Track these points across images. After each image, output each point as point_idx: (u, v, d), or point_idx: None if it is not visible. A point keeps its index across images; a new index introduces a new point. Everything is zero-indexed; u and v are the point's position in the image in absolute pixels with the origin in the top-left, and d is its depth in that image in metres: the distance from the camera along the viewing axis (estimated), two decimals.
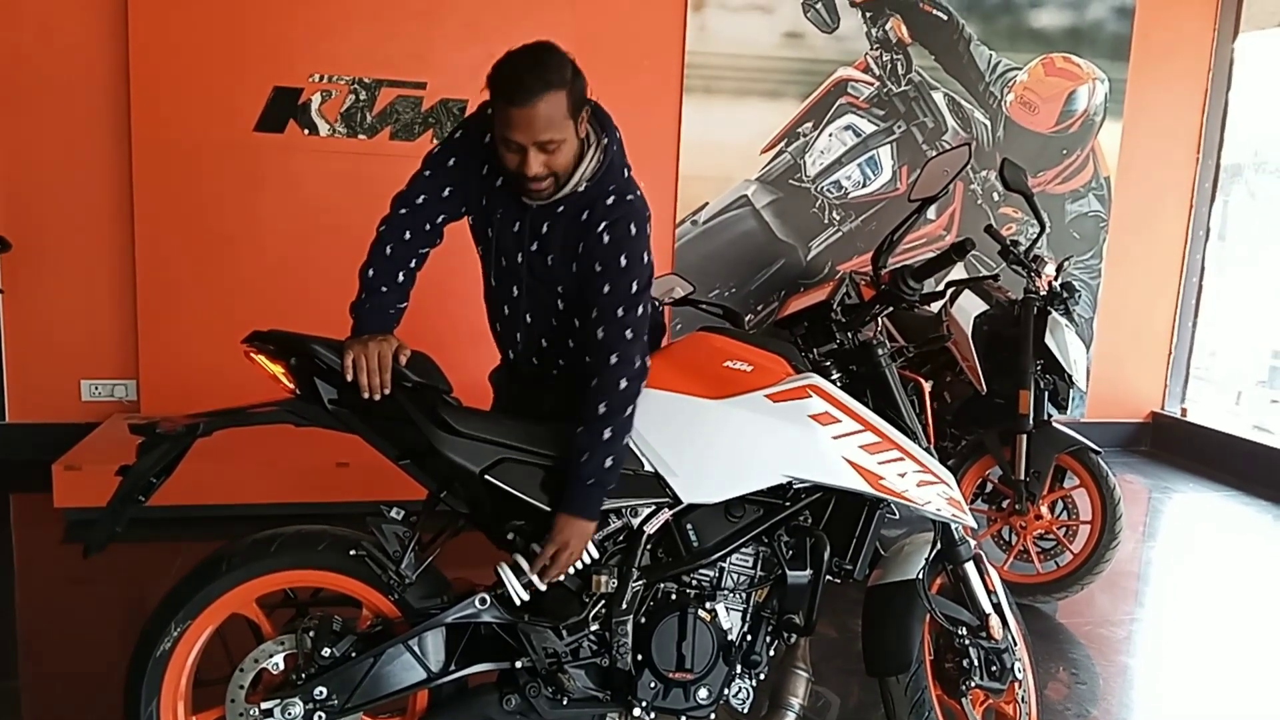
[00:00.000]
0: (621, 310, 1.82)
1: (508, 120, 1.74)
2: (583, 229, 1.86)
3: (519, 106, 1.72)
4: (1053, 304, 3.26)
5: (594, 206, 1.86)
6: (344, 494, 3.57)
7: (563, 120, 1.75)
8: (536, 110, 1.72)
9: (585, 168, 1.86)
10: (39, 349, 4.22)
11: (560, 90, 1.74)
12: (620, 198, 1.87)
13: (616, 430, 1.80)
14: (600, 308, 1.83)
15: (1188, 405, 5.66)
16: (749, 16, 4.67)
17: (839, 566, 2.01)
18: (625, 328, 1.82)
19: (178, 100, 4.08)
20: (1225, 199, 5.83)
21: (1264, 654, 3.13)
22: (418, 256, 1.94)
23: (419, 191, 1.94)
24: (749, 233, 4.81)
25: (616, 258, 1.83)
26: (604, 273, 1.83)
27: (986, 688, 2.08)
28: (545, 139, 1.75)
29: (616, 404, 1.80)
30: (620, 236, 1.84)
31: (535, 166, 1.77)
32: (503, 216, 1.93)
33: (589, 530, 1.83)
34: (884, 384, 2.05)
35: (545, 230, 1.89)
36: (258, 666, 1.81)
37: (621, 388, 1.80)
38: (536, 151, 1.76)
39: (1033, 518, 3.23)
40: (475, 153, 1.93)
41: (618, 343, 1.82)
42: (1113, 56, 5.16)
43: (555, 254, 1.90)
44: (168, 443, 1.70)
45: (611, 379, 1.80)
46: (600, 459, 1.79)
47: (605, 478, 1.81)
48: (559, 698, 1.88)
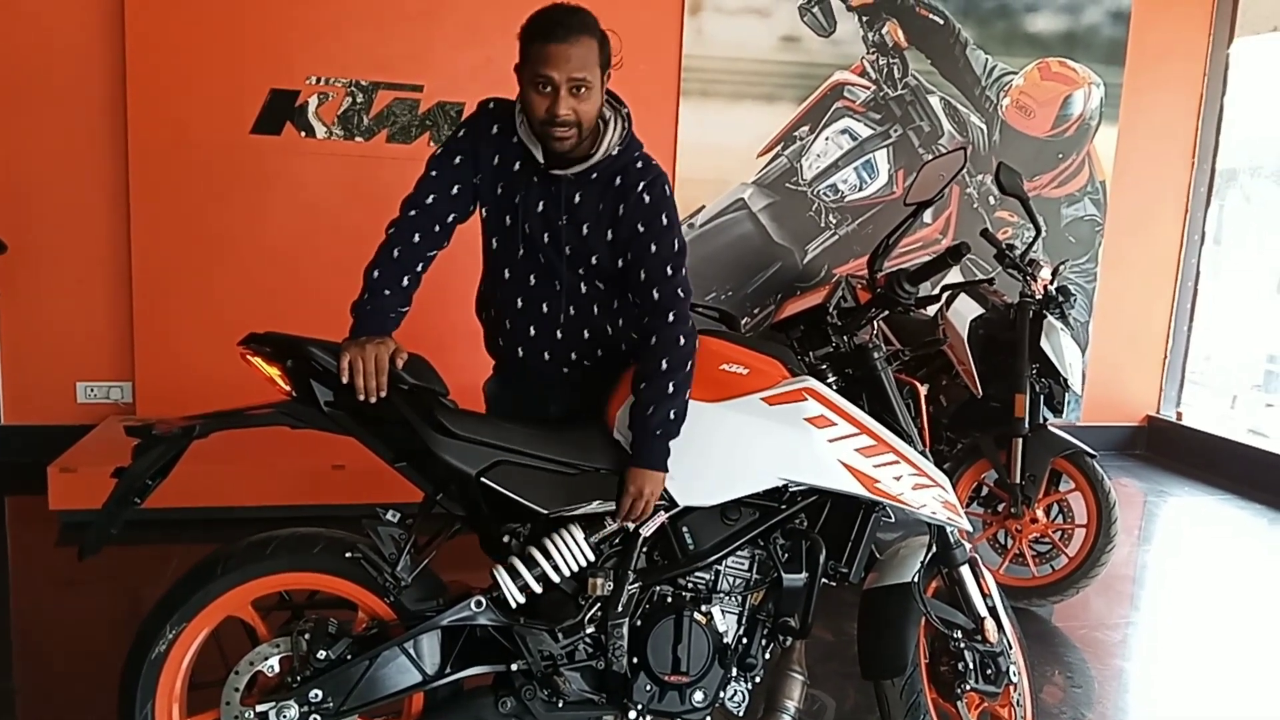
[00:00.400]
0: (670, 269, 1.91)
1: (544, 57, 1.79)
2: (619, 193, 1.91)
3: (557, 42, 1.77)
4: (1048, 308, 3.27)
5: (626, 171, 1.92)
6: (340, 496, 3.57)
7: (594, 66, 1.82)
8: (573, 47, 1.78)
9: (614, 133, 1.93)
10: (34, 351, 4.22)
11: (594, 38, 1.82)
12: (647, 162, 1.96)
13: (679, 384, 1.86)
14: (649, 269, 1.90)
15: (1183, 409, 5.68)
16: (746, 20, 4.68)
17: (834, 569, 2.01)
18: (677, 286, 1.91)
19: (174, 102, 4.07)
20: (1220, 203, 5.85)
21: (1258, 657, 3.14)
22: (424, 260, 1.94)
23: (427, 192, 1.94)
24: (745, 236, 4.82)
25: (658, 216, 1.91)
26: (647, 233, 1.90)
27: (982, 691, 2.08)
28: (579, 77, 1.79)
29: (677, 360, 1.86)
30: (659, 197, 1.92)
31: (565, 107, 1.80)
32: (525, 199, 1.94)
33: (661, 480, 1.86)
34: (880, 387, 2.06)
35: (578, 200, 1.92)
36: (253, 669, 1.81)
37: (681, 343, 1.88)
38: (567, 93, 1.80)
39: (1028, 521, 3.23)
40: (484, 145, 1.95)
41: (673, 300, 1.90)
42: (1108, 61, 5.18)
43: (590, 222, 1.93)
44: (164, 445, 1.70)
45: (671, 336, 1.88)
46: (665, 411, 1.85)
47: (671, 429, 1.86)
48: (554, 700, 1.88)
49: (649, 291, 1.90)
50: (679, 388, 1.86)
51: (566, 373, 2.04)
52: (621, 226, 1.92)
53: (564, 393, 2.06)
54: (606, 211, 1.92)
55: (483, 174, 1.96)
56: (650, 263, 1.90)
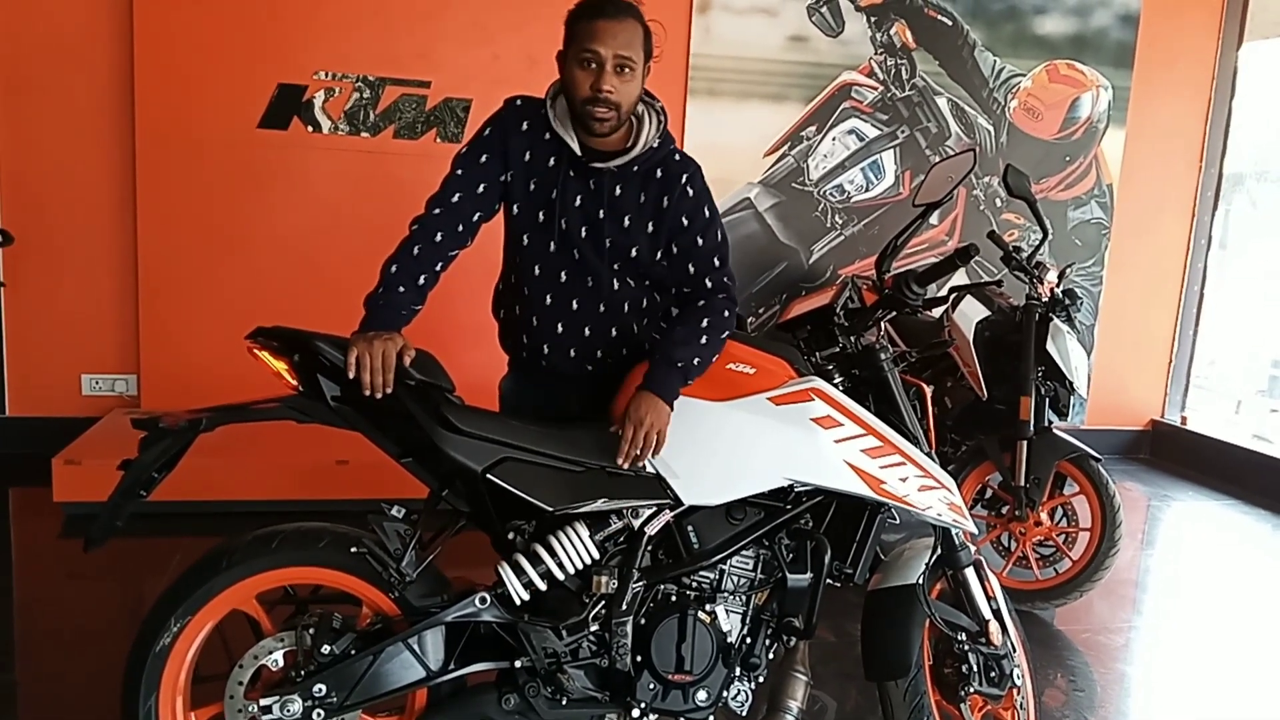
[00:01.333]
0: (718, 259, 1.98)
1: (591, 32, 1.83)
2: (662, 185, 1.95)
3: (608, 18, 1.83)
4: (1054, 311, 3.27)
5: (666, 164, 1.97)
6: (345, 492, 3.57)
7: (638, 49, 1.87)
8: (621, 25, 1.84)
9: (651, 127, 1.95)
10: (40, 342, 4.22)
11: (640, 24, 1.88)
12: (684, 155, 2.01)
13: (709, 343, 1.90)
14: (697, 261, 1.97)
15: (1187, 413, 5.67)
16: (754, 19, 4.67)
17: (839, 570, 2.01)
18: (724, 275, 1.99)
19: (182, 96, 4.08)
20: (1227, 208, 5.83)
21: (1261, 663, 3.13)
22: (445, 259, 1.94)
23: (453, 190, 1.94)
24: (751, 235, 4.82)
25: (701, 209, 1.97)
26: (693, 226, 1.96)
27: (985, 694, 2.08)
28: (625, 55, 1.84)
29: (717, 324, 1.92)
30: (700, 189, 1.98)
31: (609, 83, 1.84)
32: (563, 193, 1.94)
33: (667, 415, 1.85)
34: (886, 388, 2.05)
35: (619, 192, 1.94)
36: (257, 663, 1.81)
37: (725, 316, 1.94)
38: (613, 70, 1.84)
39: (1032, 524, 3.23)
40: (514, 141, 1.95)
41: (725, 286, 1.98)
42: (1116, 64, 5.17)
43: (632, 214, 1.95)
44: (170, 438, 1.70)
45: (720, 307, 1.95)
46: (692, 353, 1.88)
47: (690, 369, 1.88)
48: (558, 698, 1.88)
49: (701, 281, 1.97)
50: (710, 344, 1.90)
51: (590, 370, 2.05)
52: (665, 219, 1.95)
53: (585, 390, 2.06)
54: (649, 203, 1.95)
55: (513, 171, 1.96)
56: (698, 255, 1.97)
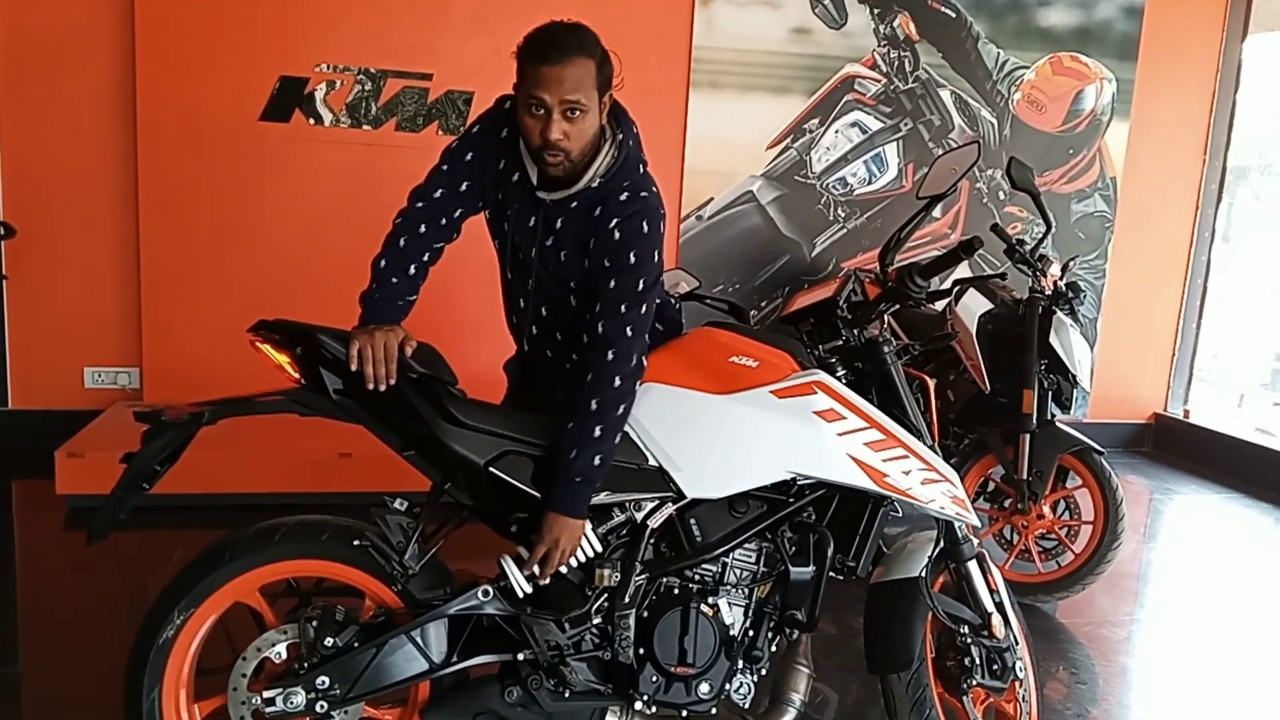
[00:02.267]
0: (625, 307, 1.81)
1: (537, 78, 1.74)
2: (595, 225, 1.85)
3: (551, 64, 1.72)
4: (1058, 304, 3.26)
5: (607, 202, 1.85)
6: (347, 484, 3.58)
7: (590, 88, 1.76)
8: (567, 70, 1.73)
9: (600, 163, 1.86)
10: (42, 335, 4.23)
11: (591, 59, 1.76)
12: (634, 194, 1.85)
13: (607, 428, 1.79)
14: (604, 302, 1.82)
15: (1190, 407, 5.66)
16: (757, 11, 4.66)
17: (842, 563, 2.01)
18: (627, 325, 1.81)
19: (184, 88, 4.07)
20: (1230, 201, 5.82)
21: (1263, 656, 3.14)
22: (431, 250, 1.93)
23: (436, 186, 1.93)
24: (754, 228, 4.81)
25: (625, 254, 1.82)
26: (611, 268, 1.82)
27: (988, 686, 2.08)
28: (572, 99, 1.74)
29: (609, 401, 1.79)
30: (632, 234, 1.82)
31: (557, 131, 1.75)
32: (517, 212, 1.92)
33: (579, 529, 1.81)
34: (889, 381, 2.05)
35: (559, 225, 1.89)
36: (260, 655, 1.81)
37: (615, 385, 1.79)
38: (560, 116, 1.75)
39: (1035, 517, 3.23)
40: (492, 147, 1.93)
41: (618, 339, 1.80)
42: (1120, 56, 5.15)
43: (568, 249, 1.89)
44: (173, 430, 1.70)
45: (607, 375, 1.80)
46: (589, 456, 1.78)
47: (593, 475, 1.80)
48: (560, 690, 1.88)
49: (596, 325, 1.82)
50: (607, 432, 1.78)
51: (569, 368, 2.04)
52: (592, 257, 1.86)
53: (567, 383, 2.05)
54: (583, 241, 1.87)
55: (488, 176, 1.95)
56: (606, 297, 1.82)
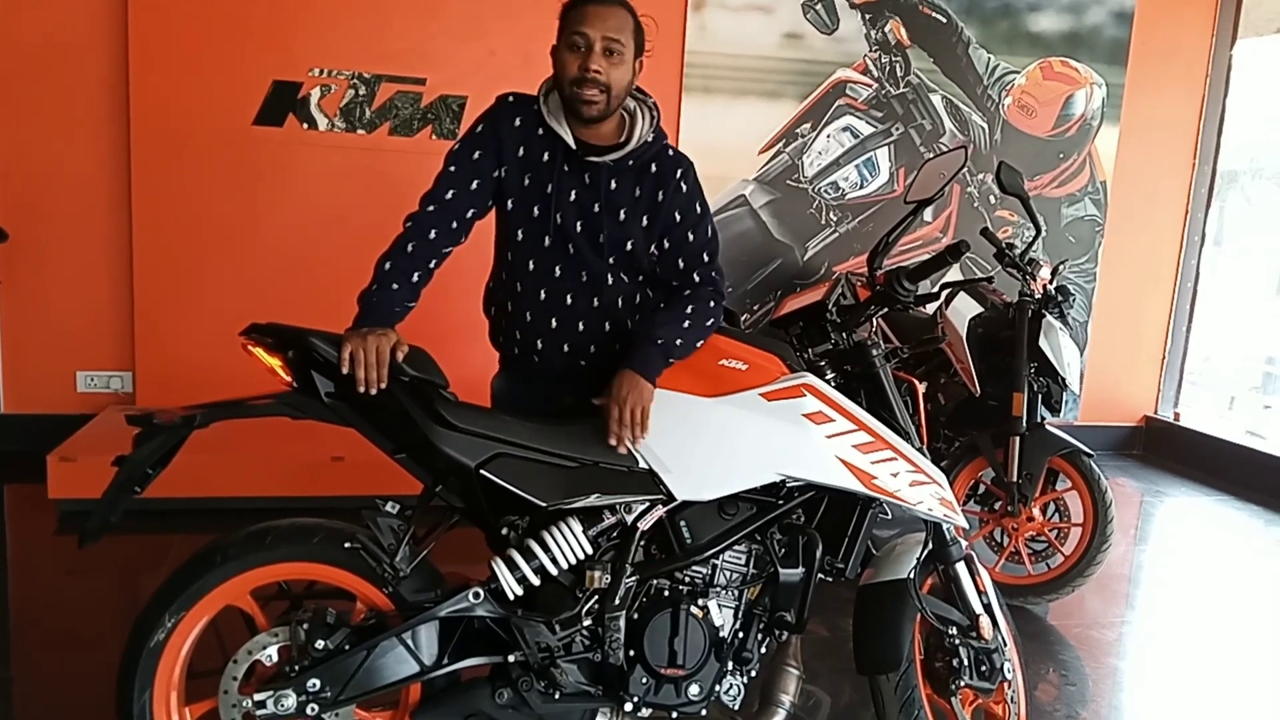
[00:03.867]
0: (708, 255, 2.02)
1: (581, 15, 1.88)
2: (656, 180, 1.98)
3: (597, 3, 1.87)
4: (1047, 307, 3.28)
5: (660, 158, 1.99)
6: (339, 488, 3.58)
7: (629, 35, 1.90)
8: (612, 10, 1.88)
9: (645, 121, 1.99)
10: (35, 339, 4.22)
11: (630, 14, 1.92)
12: (677, 151, 2.03)
13: (694, 324, 1.92)
14: (687, 256, 2.00)
15: (1181, 410, 5.69)
16: (749, 16, 4.68)
17: (831, 565, 2.02)
18: (713, 270, 2.02)
19: (177, 92, 4.08)
20: (1221, 204, 5.85)
21: (1252, 658, 3.15)
22: (439, 256, 1.95)
23: (447, 187, 1.94)
24: (746, 232, 4.82)
25: (694, 205, 2.00)
26: (685, 221, 1.99)
27: (976, 687, 2.09)
28: (614, 38, 1.87)
29: (703, 312, 1.95)
30: (694, 185, 2.01)
31: (597, 63, 1.87)
32: (558, 189, 1.95)
33: (649, 395, 1.87)
34: (878, 384, 2.06)
35: (614, 186, 1.97)
36: (251, 658, 1.81)
37: (712, 306, 1.97)
38: (601, 52, 1.87)
39: (1024, 519, 3.24)
40: (505, 139, 1.96)
41: (713, 281, 2.01)
42: (1111, 61, 5.18)
43: (627, 208, 1.97)
44: (164, 434, 1.70)
45: (707, 296, 1.98)
46: (674, 331, 1.90)
47: (672, 348, 1.90)
48: (551, 692, 1.89)
49: (690, 275, 2.00)
50: (693, 328, 1.92)
51: (583, 365, 2.05)
52: (660, 213, 1.98)
53: (578, 387, 2.06)
54: (644, 198, 1.97)
55: (507, 167, 1.96)
56: (689, 250, 2.00)
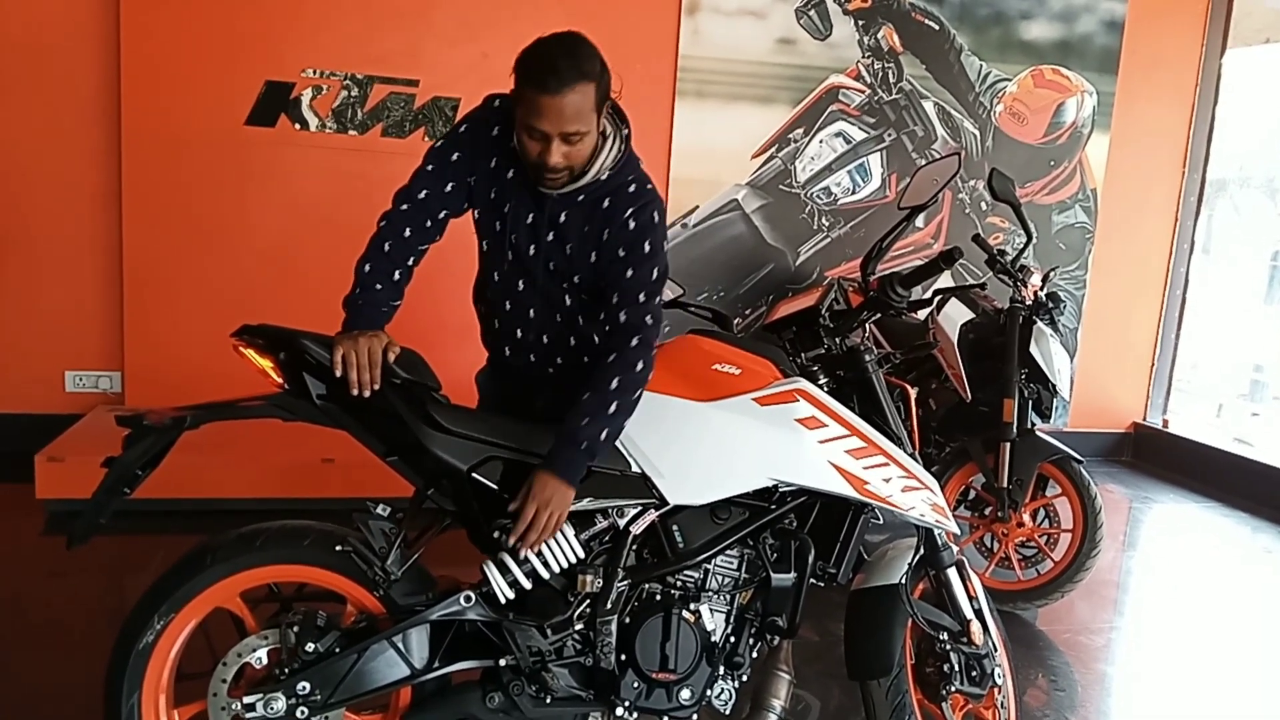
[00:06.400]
0: (644, 295, 1.86)
1: (536, 108, 1.73)
2: (606, 216, 1.88)
3: (550, 94, 1.71)
4: (1038, 314, 3.29)
5: (616, 194, 1.89)
6: (330, 490, 3.57)
7: (589, 113, 1.77)
8: (567, 100, 1.72)
9: (607, 156, 1.88)
10: (23, 339, 4.19)
11: (591, 82, 1.75)
12: (641, 186, 1.91)
13: (621, 407, 1.81)
14: (623, 292, 1.86)
15: (1169, 416, 5.71)
16: (742, 21, 4.69)
17: (823, 570, 2.02)
18: (647, 313, 1.86)
19: (168, 92, 4.06)
20: (1210, 213, 5.89)
21: (1239, 664, 3.17)
22: (416, 253, 1.93)
23: (421, 186, 1.93)
24: (738, 237, 4.83)
25: (641, 243, 1.87)
26: (628, 257, 1.87)
27: (966, 693, 2.09)
28: (571, 130, 1.75)
29: (629, 383, 1.82)
30: (645, 223, 1.88)
31: (556, 157, 1.78)
32: (515, 209, 1.92)
33: (568, 497, 1.80)
34: (870, 389, 2.07)
35: (564, 219, 1.90)
36: (241, 661, 1.81)
37: (638, 369, 1.83)
38: (560, 142, 1.77)
39: (1015, 525, 3.25)
40: (482, 146, 1.92)
41: (641, 326, 1.85)
42: (1101, 69, 5.21)
43: (574, 243, 1.91)
44: (154, 435, 1.69)
45: (631, 359, 1.83)
46: (599, 428, 1.80)
47: (597, 447, 1.81)
48: (542, 696, 1.88)
49: (617, 314, 1.86)
50: (620, 411, 1.81)
51: (552, 373, 2.05)
52: (604, 249, 1.89)
53: (548, 390, 2.06)
54: (592, 234, 1.89)
55: (477, 175, 1.94)
56: (624, 286, 1.86)
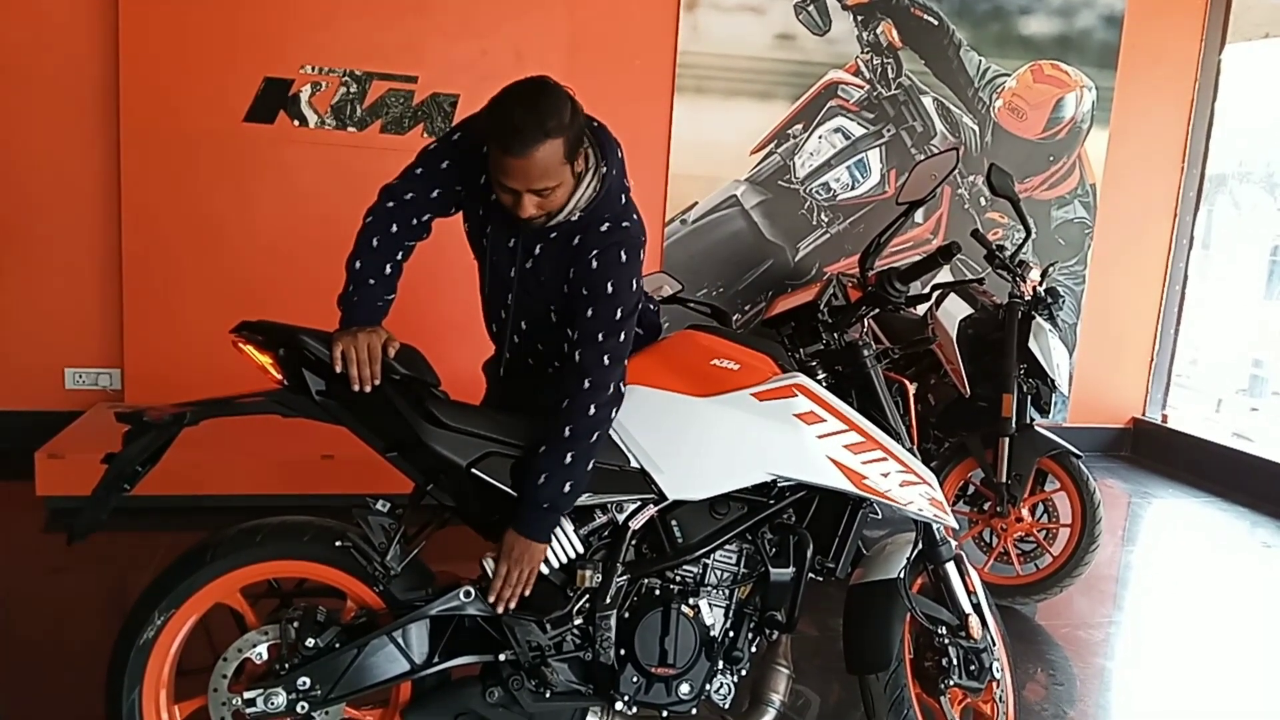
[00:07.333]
0: (601, 335, 1.81)
1: (503, 167, 1.73)
2: (573, 254, 1.85)
3: (515, 156, 1.69)
4: (1037, 309, 3.29)
5: (586, 233, 1.84)
6: (330, 486, 3.57)
7: (559, 167, 1.74)
8: (533, 160, 1.70)
9: (580, 196, 1.84)
10: (23, 336, 4.20)
11: (558, 138, 1.71)
12: (615, 224, 1.85)
13: (578, 456, 1.79)
14: (581, 331, 1.81)
15: (1168, 411, 5.72)
16: (741, 17, 4.68)
17: (821, 565, 2.02)
18: (603, 353, 1.80)
19: (167, 89, 4.06)
20: (1209, 208, 5.90)
21: (1238, 657, 3.18)
22: (404, 249, 1.93)
23: (408, 188, 1.92)
24: (738, 233, 4.83)
25: (604, 284, 1.81)
26: (588, 297, 1.82)
27: (965, 687, 2.10)
28: (540, 187, 1.74)
29: (582, 429, 1.79)
30: (609, 263, 1.82)
31: (529, 210, 1.77)
32: (496, 230, 1.92)
33: (541, 552, 1.82)
34: (869, 385, 2.07)
35: (539, 252, 1.90)
36: (241, 656, 1.81)
37: (590, 413, 1.79)
38: (530, 195, 1.75)
39: (1013, 520, 3.26)
40: (472, 160, 1.90)
41: (594, 368, 1.80)
42: (1100, 65, 5.20)
43: (548, 275, 1.90)
44: (154, 431, 1.70)
45: (582, 404, 1.79)
46: (559, 483, 1.78)
47: (561, 502, 1.80)
48: (541, 691, 1.89)
49: (573, 354, 1.82)
50: (578, 459, 1.78)
51: (551, 373, 2.05)
52: (571, 285, 1.86)
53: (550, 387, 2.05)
54: (562, 268, 1.87)
55: (465, 188, 1.93)
56: (583, 326, 1.81)
